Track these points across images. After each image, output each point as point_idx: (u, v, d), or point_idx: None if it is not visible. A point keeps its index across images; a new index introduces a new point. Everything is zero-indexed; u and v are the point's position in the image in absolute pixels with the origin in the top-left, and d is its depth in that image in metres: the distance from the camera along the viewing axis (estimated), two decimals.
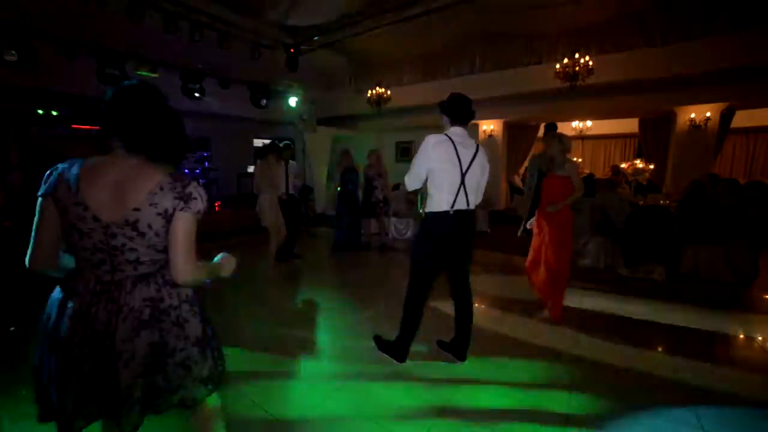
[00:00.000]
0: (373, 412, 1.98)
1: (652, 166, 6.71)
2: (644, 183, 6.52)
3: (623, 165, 6.74)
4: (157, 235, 1.01)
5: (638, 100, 6.85)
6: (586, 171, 8.99)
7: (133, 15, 4.90)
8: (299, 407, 2.03)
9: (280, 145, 4.49)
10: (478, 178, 2.29)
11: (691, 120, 6.75)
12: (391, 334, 2.51)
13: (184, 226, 1.02)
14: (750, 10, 5.26)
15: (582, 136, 10.67)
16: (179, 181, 1.02)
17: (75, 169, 0.97)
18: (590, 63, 5.25)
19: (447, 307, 2.88)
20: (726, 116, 6.81)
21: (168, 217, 1.00)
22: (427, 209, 2.27)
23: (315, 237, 6.93)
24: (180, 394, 1.08)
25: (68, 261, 1.06)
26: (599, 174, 9.05)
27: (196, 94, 6.41)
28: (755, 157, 9.05)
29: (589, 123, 10.28)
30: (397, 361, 2.42)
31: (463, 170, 2.21)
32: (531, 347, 2.71)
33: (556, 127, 3.98)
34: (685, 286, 3.89)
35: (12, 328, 2.98)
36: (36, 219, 0.98)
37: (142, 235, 0.99)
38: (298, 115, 8.14)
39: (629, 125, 9.15)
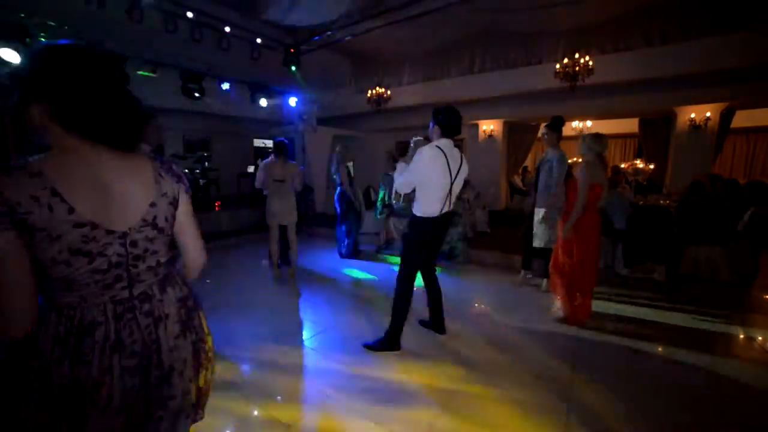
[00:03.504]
0: (373, 412, 1.98)
1: (652, 166, 6.71)
2: (644, 183, 6.52)
3: (623, 165, 6.73)
4: (171, 227, 0.93)
5: (638, 100, 6.85)
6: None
7: (133, 15, 4.90)
8: (299, 407, 2.03)
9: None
10: (460, 186, 2.54)
11: (691, 120, 6.75)
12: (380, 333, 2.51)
13: (189, 207, 0.98)
14: (750, 10, 5.26)
15: (582, 136, 10.66)
16: (165, 163, 0.95)
17: (37, 182, 0.71)
18: (590, 63, 5.25)
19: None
20: (726, 116, 6.81)
21: (175, 204, 0.93)
22: (418, 212, 2.48)
23: (315, 237, 6.94)
24: (204, 390, 1.05)
25: None
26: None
27: (196, 94, 6.40)
28: (755, 157, 9.05)
29: (589, 123, 10.27)
30: (393, 350, 2.55)
31: (452, 180, 2.43)
32: (531, 347, 2.71)
33: (561, 123, 3.79)
34: (685, 286, 3.89)
35: None
36: None
37: (162, 230, 0.89)
38: (298, 114, 8.14)
39: (629, 125, 9.15)
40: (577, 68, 5.28)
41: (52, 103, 0.74)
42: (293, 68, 6.89)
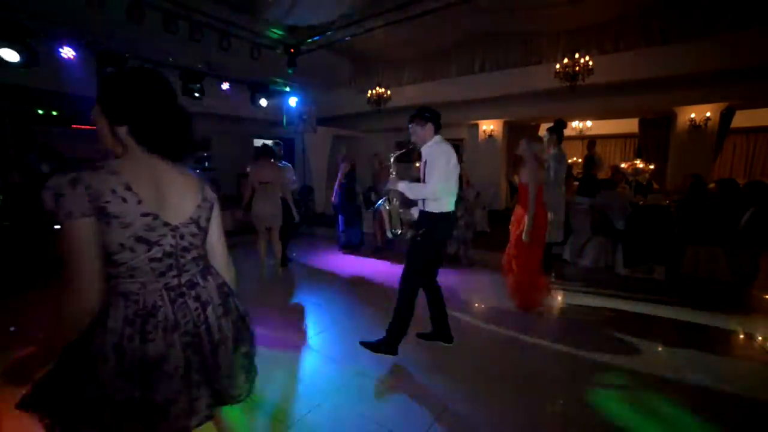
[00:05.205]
0: (372, 412, 1.98)
1: (652, 166, 6.70)
2: (644, 183, 6.50)
3: (623, 165, 6.72)
4: (207, 227, 1.11)
5: (638, 100, 6.84)
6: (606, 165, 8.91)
7: (133, 15, 4.89)
8: (299, 408, 2.02)
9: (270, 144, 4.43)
10: None
11: (691, 120, 6.75)
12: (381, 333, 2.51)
13: (219, 216, 1.17)
14: (750, 10, 5.26)
15: (582, 136, 10.68)
16: (203, 177, 1.15)
17: (115, 179, 0.89)
18: (590, 63, 5.25)
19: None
20: (726, 116, 6.81)
21: (211, 209, 1.12)
22: (436, 210, 2.37)
23: (315, 237, 6.94)
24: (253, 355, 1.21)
25: None
26: (599, 174, 9.04)
27: (196, 94, 6.40)
28: (755, 157, 9.05)
29: (589, 123, 10.27)
30: (391, 354, 2.47)
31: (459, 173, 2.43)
32: (530, 347, 2.71)
33: (563, 126, 3.84)
34: (685, 286, 3.89)
35: (12, 329, 2.98)
36: (77, 248, 0.85)
37: (202, 229, 1.07)
38: (298, 114, 8.13)
39: (629, 125, 9.15)
40: (577, 68, 5.27)
41: (132, 125, 0.94)
42: (290, 71, 6.89)
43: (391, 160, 2.65)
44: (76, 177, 0.84)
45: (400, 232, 2.64)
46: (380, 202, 2.66)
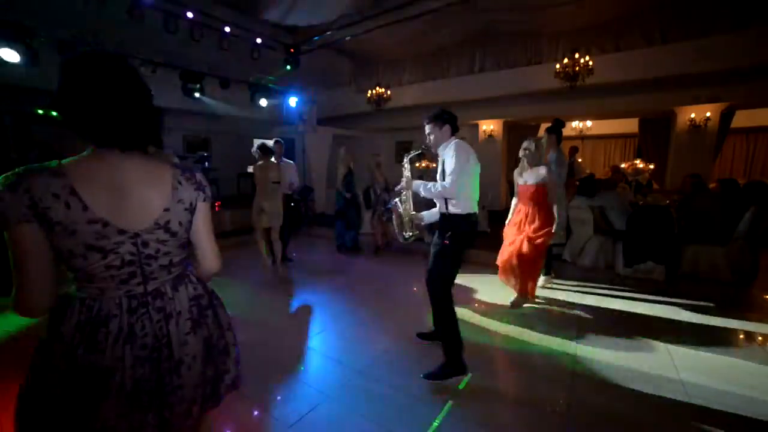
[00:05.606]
0: (373, 412, 1.98)
1: (652, 166, 6.70)
2: (644, 183, 6.50)
3: (623, 165, 6.72)
4: (186, 231, 0.99)
5: (638, 100, 6.85)
6: (587, 171, 8.97)
7: (133, 15, 4.90)
8: (299, 408, 2.02)
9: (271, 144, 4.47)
10: None
11: (691, 120, 6.75)
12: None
13: (207, 214, 1.05)
14: (750, 10, 5.26)
15: (582, 136, 10.68)
16: (187, 170, 1.01)
17: (59, 181, 0.80)
18: (590, 63, 5.25)
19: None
20: (726, 116, 6.81)
21: (192, 210, 0.99)
22: (461, 210, 2.30)
23: (315, 237, 6.94)
24: (227, 380, 1.11)
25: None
26: (599, 174, 9.05)
27: (196, 94, 6.40)
28: (755, 157, 9.06)
29: (589, 123, 10.28)
30: (462, 374, 2.27)
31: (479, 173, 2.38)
32: (530, 346, 2.71)
33: (561, 125, 3.88)
34: (685, 286, 3.89)
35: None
36: (19, 254, 0.78)
37: (174, 234, 0.95)
38: (298, 114, 8.13)
39: (629, 125, 9.16)
40: (577, 68, 5.28)
41: (63, 115, 0.83)
42: (288, 67, 6.90)
43: (406, 159, 2.53)
44: (15, 180, 0.77)
45: (411, 234, 2.55)
46: (392, 201, 2.61)
